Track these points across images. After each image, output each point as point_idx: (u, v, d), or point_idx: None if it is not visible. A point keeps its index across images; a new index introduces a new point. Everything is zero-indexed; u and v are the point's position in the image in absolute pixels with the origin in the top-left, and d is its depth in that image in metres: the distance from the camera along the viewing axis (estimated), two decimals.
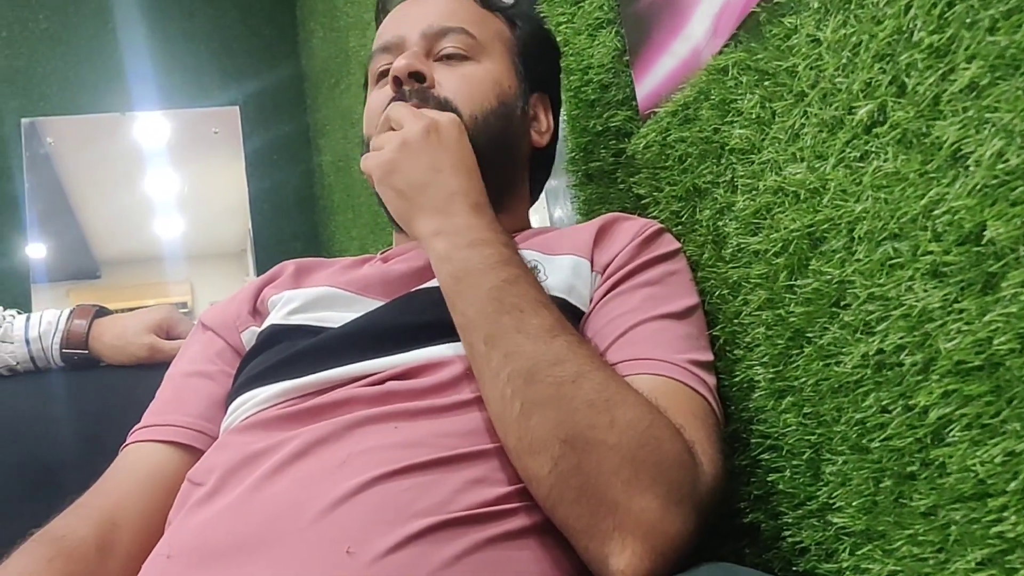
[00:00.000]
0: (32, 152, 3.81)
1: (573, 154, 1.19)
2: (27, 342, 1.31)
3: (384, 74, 1.02)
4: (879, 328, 0.63)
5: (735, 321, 0.83)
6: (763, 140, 0.77)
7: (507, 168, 1.01)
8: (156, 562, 0.75)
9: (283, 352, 0.88)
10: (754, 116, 0.77)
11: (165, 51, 3.90)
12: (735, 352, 0.84)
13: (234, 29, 4.01)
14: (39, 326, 1.32)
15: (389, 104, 0.93)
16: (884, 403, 0.63)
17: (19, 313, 1.36)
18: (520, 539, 0.68)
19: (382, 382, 0.80)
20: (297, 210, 3.98)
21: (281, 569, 0.65)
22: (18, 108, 3.73)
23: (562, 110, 1.19)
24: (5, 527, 0.81)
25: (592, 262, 0.90)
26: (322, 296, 0.95)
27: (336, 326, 0.90)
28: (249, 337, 0.98)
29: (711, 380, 0.80)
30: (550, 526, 0.69)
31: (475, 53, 1.00)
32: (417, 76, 0.96)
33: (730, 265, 0.83)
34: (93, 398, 1.32)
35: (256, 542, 0.68)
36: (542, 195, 1.38)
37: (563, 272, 0.88)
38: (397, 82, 0.96)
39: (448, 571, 0.64)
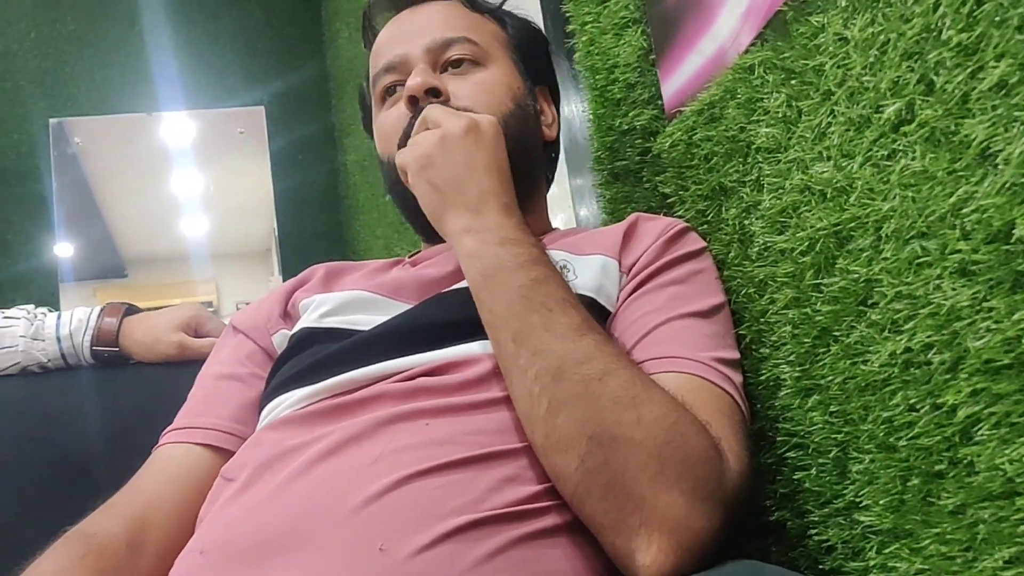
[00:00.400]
0: (60, 152, 3.85)
1: (599, 153, 1.19)
2: (58, 340, 1.33)
3: (390, 92, 1.03)
4: (907, 327, 0.63)
5: (761, 320, 0.83)
6: (789, 139, 0.77)
7: (528, 168, 1.02)
8: (189, 558, 0.76)
9: (316, 355, 0.89)
10: (780, 115, 0.78)
11: (190, 52, 3.93)
12: (761, 350, 0.84)
13: (259, 30, 4.03)
14: (70, 324, 1.34)
15: (417, 112, 0.94)
16: (912, 401, 0.63)
17: (49, 311, 1.38)
18: (552, 537, 0.68)
19: (412, 378, 0.81)
20: (322, 209, 3.99)
21: (314, 566, 0.66)
22: (47, 108, 3.76)
23: (587, 109, 1.20)
24: (37, 522, 0.83)
25: (620, 262, 0.90)
26: (353, 299, 0.95)
27: (367, 329, 0.90)
28: (280, 340, 0.99)
29: (737, 378, 0.81)
30: (582, 524, 0.69)
31: (481, 59, 1.02)
32: (433, 92, 0.97)
33: (756, 264, 0.84)
34: (123, 395, 1.33)
35: (288, 538, 0.68)
36: (568, 194, 1.38)
37: (592, 271, 0.88)
38: (413, 100, 0.97)
39: (481, 569, 0.64)
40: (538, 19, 1.42)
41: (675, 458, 0.66)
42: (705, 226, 0.93)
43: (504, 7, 1.11)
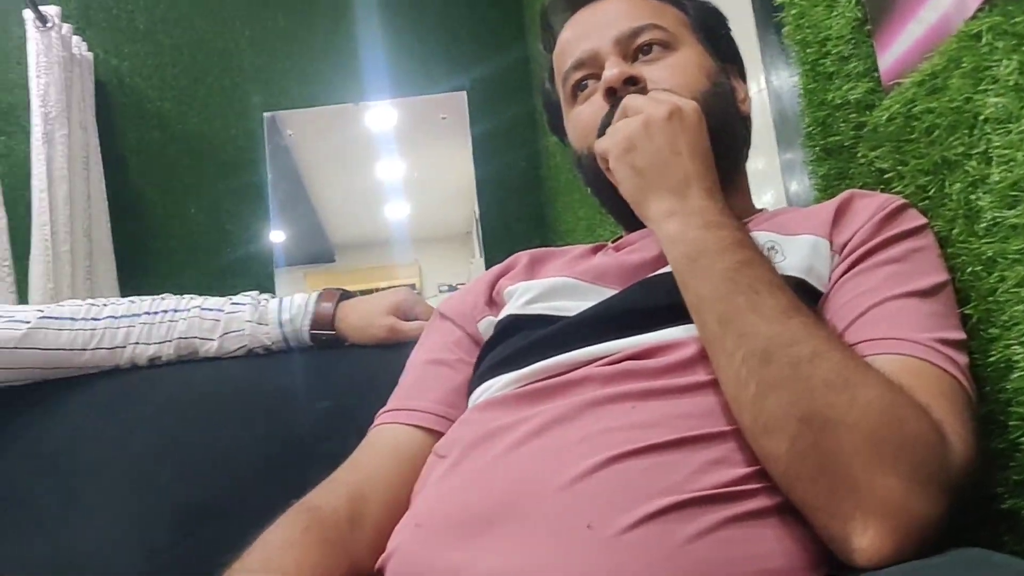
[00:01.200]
0: (274, 144, 4.04)
1: (810, 128, 1.16)
2: (280, 324, 1.40)
3: (582, 87, 1.05)
4: None
5: (989, 299, 0.79)
6: (1022, 108, 0.72)
7: (730, 146, 1.01)
8: (406, 531, 0.80)
9: (522, 340, 0.91)
10: (1012, 83, 0.73)
11: (395, 42, 4.04)
12: (990, 331, 0.80)
13: (461, 15, 4.10)
14: (290, 309, 1.41)
15: (616, 103, 0.95)
16: None
17: (271, 297, 1.46)
18: (761, 519, 0.68)
19: (618, 362, 0.81)
20: (523, 192, 4.02)
21: (524, 540, 0.68)
22: (261, 103, 3.95)
23: (798, 83, 1.17)
24: (267, 495, 0.88)
25: (831, 242, 0.88)
26: (557, 286, 0.97)
27: (572, 315, 0.91)
28: (486, 327, 1.02)
29: (961, 359, 0.77)
30: (792, 507, 0.68)
31: (670, 43, 1.02)
32: (630, 81, 0.97)
33: (984, 240, 0.79)
34: (339, 376, 1.40)
35: (499, 512, 0.71)
36: (777, 170, 1.36)
37: (801, 252, 0.86)
38: (611, 92, 0.97)
39: (688, 549, 0.65)
40: None
41: (891, 441, 0.64)
42: (926, 202, 0.89)
43: None
